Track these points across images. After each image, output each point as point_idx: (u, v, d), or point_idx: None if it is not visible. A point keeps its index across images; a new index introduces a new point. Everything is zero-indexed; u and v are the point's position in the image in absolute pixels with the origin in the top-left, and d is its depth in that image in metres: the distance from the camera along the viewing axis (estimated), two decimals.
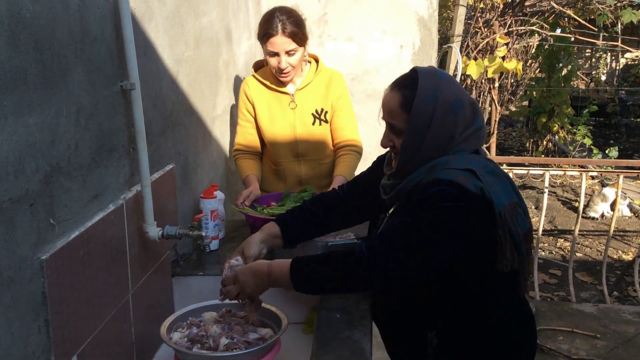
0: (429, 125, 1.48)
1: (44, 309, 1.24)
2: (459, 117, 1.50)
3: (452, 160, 1.49)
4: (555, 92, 7.69)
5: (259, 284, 1.56)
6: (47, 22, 1.25)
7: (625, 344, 3.48)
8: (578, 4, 7.53)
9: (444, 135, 1.50)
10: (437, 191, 1.43)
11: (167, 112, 2.01)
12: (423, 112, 1.48)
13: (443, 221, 1.42)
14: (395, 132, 1.55)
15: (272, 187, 2.71)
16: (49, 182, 1.27)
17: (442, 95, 1.49)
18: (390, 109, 1.55)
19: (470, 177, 1.45)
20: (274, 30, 2.43)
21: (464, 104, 1.51)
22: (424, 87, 1.49)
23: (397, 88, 1.54)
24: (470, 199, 1.43)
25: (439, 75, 1.53)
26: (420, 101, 1.48)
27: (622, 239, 5.85)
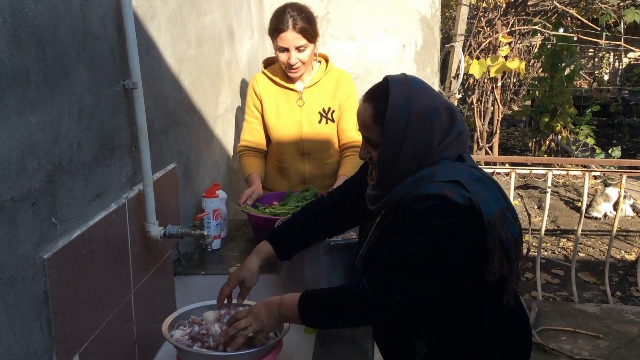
0: (403, 137, 1.43)
1: (45, 308, 1.24)
2: (435, 125, 1.44)
3: (436, 172, 1.45)
4: (557, 91, 7.68)
5: (269, 315, 1.53)
6: (49, 20, 1.25)
7: (628, 344, 3.47)
8: (581, 3, 7.52)
9: (421, 145, 1.45)
10: (424, 208, 1.40)
11: (169, 111, 2.01)
12: (396, 123, 1.43)
13: (435, 243, 1.40)
14: (372, 145, 1.51)
15: (276, 185, 2.71)
16: (51, 181, 1.26)
17: (416, 105, 1.43)
18: (363, 121, 1.50)
19: (457, 188, 1.42)
20: (285, 26, 2.44)
21: (439, 111, 1.45)
22: (396, 98, 1.44)
23: (369, 100, 1.50)
24: (458, 211, 1.40)
25: (412, 83, 1.47)
26: (392, 113, 1.43)
27: (625, 239, 5.84)
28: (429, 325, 1.56)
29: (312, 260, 1.85)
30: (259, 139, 2.69)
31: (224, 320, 1.71)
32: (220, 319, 1.73)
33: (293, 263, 1.90)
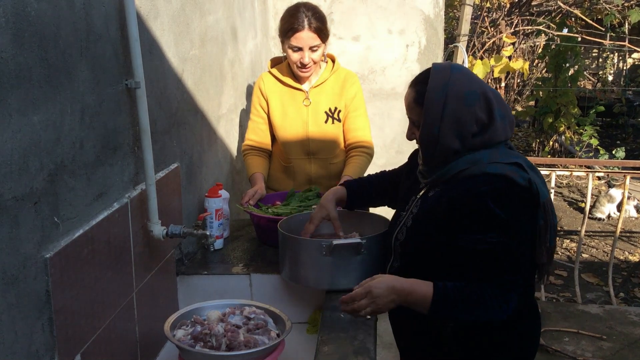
0: (441, 117, 1.55)
1: (47, 308, 1.25)
2: (474, 108, 1.55)
3: (495, 154, 1.57)
4: (561, 92, 7.66)
5: (394, 300, 1.55)
6: (52, 20, 1.25)
7: (631, 346, 3.46)
8: (585, 3, 7.50)
9: (460, 125, 1.55)
10: (490, 189, 1.51)
11: (172, 111, 2.01)
12: (433, 104, 1.56)
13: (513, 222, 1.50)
14: (416, 126, 1.65)
15: (281, 185, 2.71)
16: (54, 181, 1.26)
17: (454, 88, 1.55)
18: (407, 104, 1.65)
19: (518, 170, 1.54)
20: (300, 25, 2.43)
21: (477, 95, 1.56)
22: (435, 81, 1.56)
23: (413, 84, 1.64)
24: (520, 190, 1.51)
25: (452, 69, 1.59)
26: (430, 95, 1.56)
27: (629, 240, 5.82)
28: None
29: (315, 260, 1.84)
30: (264, 139, 2.69)
31: (227, 319, 1.71)
32: (222, 318, 1.73)
33: (295, 263, 1.90)
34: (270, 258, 2.14)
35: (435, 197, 1.64)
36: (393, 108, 3.87)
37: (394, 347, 3.43)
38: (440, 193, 1.62)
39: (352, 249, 1.82)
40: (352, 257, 1.83)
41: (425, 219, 1.64)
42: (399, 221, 1.73)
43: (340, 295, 1.83)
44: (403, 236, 1.69)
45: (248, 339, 1.60)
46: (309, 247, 1.86)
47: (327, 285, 1.87)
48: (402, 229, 1.70)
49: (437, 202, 1.62)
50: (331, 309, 1.76)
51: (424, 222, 1.64)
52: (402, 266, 1.70)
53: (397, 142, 3.92)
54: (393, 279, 1.57)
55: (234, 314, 1.74)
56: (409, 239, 1.67)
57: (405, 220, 1.70)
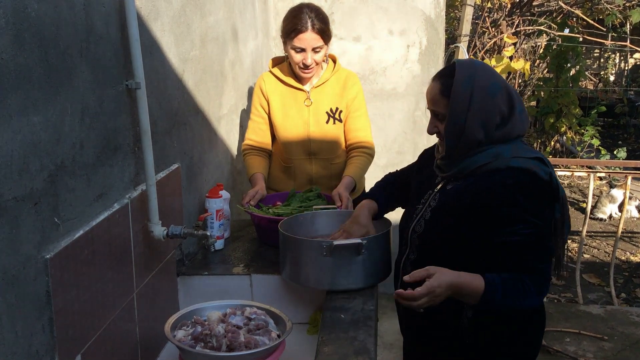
0: (468, 107, 1.60)
1: (48, 308, 1.25)
2: (497, 100, 1.60)
3: (516, 149, 1.62)
4: (563, 92, 7.65)
5: (449, 295, 1.57)
6: (52, 20, 1.25)
7: (632, 346, 3.45)
8: (586, 4, 7.49)
9: (485, 116, 1.60)
10: (514, 183, 1.56)
11: (173, 112, 2.01)
12: (461, 95, 1.60)
13: (535, 216, 1.56)
14: (439, 119, 1.68)
15: (282, 186, 2.70)
16: (54, 181, 1.27)
17: (479, 80, 1.61)
18: (432, 96, 1.68)
19: (540, 164, 1.59)
20: (304, 27, 2.43)
21: (500, 87, 1.62)
22: (461, 73, 1.62)
23: (438, 78, 1.69)
24: (543, 184, 1.57)
25: (475, 63, 1.67)
26: (457, 86, 1.61)
27: (630, 240, 5.82)
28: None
29: (315, 261, 1.84)
30: (264, 139, 2.69)
31: (228, 320, 1.71)
32: (223, 319, 1.73)
33: (295, 264, 1.90)
34: (271, 258, 2.14)
35: (456, 190, 1.68)
36: (394, 108, 3.86)
37: (395, 347, 3.44)
38: (463, 186, 1.66)
39: (353, 249, 1.82)
40: (353, 258, 1.83)
41: (445, 211, 1.68)
42: (415, 214, 1.76)
43: (341, 296, 1.83)
44: (421, 228, 1.72)
45: (248, 340, 1.60)
46: (310, 247, 1.86)
47: (327, 285, 1.87)
48: (420, 221, 1.73)
49: (459, 195, 1.66)
50: (332, 310, 1.76)
51: (444, 215, 1.68)
52: (420, 258, 1.72)
53: (397, 143, 3.92)
54: (451, 276, 1.56)
55: (235, 315, 1.74)
56: (428, 231, 1.70)
57: (422, 213, 1.74)
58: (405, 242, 1.79)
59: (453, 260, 1.62)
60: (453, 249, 1.65)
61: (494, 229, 1.58)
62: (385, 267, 1.94)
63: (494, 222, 1.58)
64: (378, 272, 1.91)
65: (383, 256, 1.91)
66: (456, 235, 1.64)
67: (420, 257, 1.72)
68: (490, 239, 1.59)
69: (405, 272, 1.73)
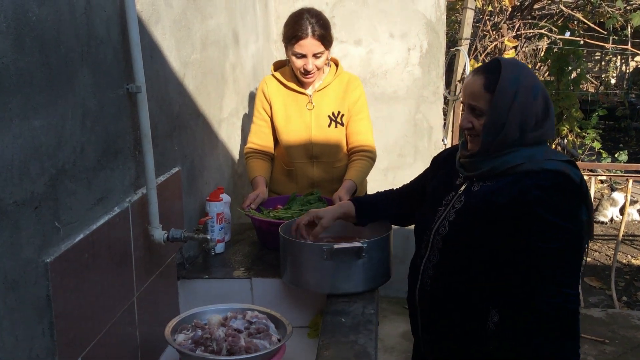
0: (510, 106, 1.57)
1: (48, 312, 1.25)
2: (537, 102, 1.60)
3: (547, 152, 1.61)
4: (564, 95, 7.64)
5: None
6: (53, 24, 1.25)
7: (634, 350, 3.45)
8: (587, 7, 7.49)
9: (525, 116, 1.58)
10: (551, 185, 1.54)
11: (174, 115, 2.01)
12: (506, 93, 1.58)
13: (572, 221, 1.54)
14: (475, 114, 1.64)
15: (284, 189, 2.70)
16: (54, 185, 1.27)
17: (525, 80, 1.59)
18: (473, 90, 1.64)
19: (572, 167, 1.58)
20: (304, 33, 2.43)
21: (540, 90, 1.61)
22: (508, 71, 1.60)
23: (481, 72, 1.65)
24: (577, 188, 1.56)
25: (520, 63, 1.66)
26: (504, 82, 1.58)
27: (632, 244, 5.81)
28: (505, 293, 1.59)
29: (315, 264, 1.84)
30: (267, 142, 2.69)
31: (228, 324, 1.71)
32: (224, 323, 1.73)
33: (296, 267, 1.90)
34: (272, 262, 2.14)
35: (485, 191, 1.64)
36: (395, 111, 3.87)
37: (396, 350, 3.44)
38: (494, 187, 1.62)
39: (353, 253, 1.82)
40: (353, 261, 1.83)
41: (472, 213, 1.64)
42: (437, 216, 1.71)
43: (341, 299, 1.83)
44: (445, 230, 1.67)
45: (249, 344, 1.59)
46: (310, 251, 1.86)
47: (328, 289, 1.87)
48: (444, 223, 1.68)
49: (490, 196, 1.61)
50: (332, 313, 1.76)
51: (472, 216, 1.63)
52: (443, 260, 1.68)
53: (399, 146, 3.92)
54: None
55: (236, 318, 1.74)
56: (453, 233, 1.66)
57: (446, 215, 1.69)
58: (425, 245, 1.73)
59: (477, 263, 1.60)
60: (479, 251, 1.60)
61: (528, 231, 1.54)
62: (385, 271, 1.94)
63: (530, 223, 1.54)
64: (378, 276, 1.91)
65: (383, 260, 1.91)
66: (483, 236, 1.60)
67: (444, 260, 1.68)
68: (522, 242, 1.55)
69: (427, 275, 1.71)
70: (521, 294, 1.56)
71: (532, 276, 1.54)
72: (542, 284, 1.53)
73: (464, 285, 1.64)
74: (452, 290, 1.66)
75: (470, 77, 1.66)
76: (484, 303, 1.61)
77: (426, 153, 3.92)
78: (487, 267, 1.59)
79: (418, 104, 3.86)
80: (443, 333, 1.72)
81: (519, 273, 1.56)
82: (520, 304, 1.56)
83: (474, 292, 1.63)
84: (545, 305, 1.52)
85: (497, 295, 1.60)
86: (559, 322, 1.52)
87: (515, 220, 1.56)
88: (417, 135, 3.90)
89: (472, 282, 1.63)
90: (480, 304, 1.61)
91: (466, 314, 1.64)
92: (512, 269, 1.57)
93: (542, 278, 1.53)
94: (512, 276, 1.57)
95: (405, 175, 3.88)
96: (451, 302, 1.67)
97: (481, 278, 1.61)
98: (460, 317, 1.65)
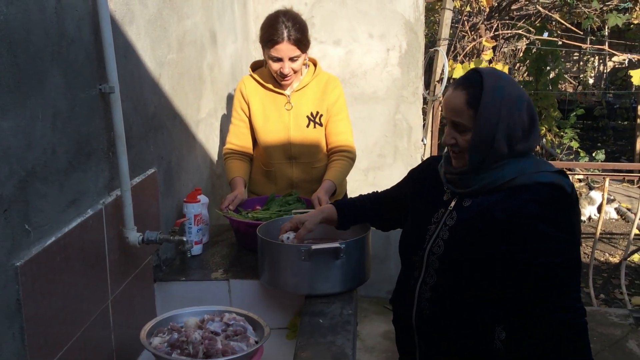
0: (497, 122, 1.53)
1: (18, 316, 1.22)
2: (523, 112, 1.55)
3: (536, 163, 1.58)
4: (542, 95, 7.72)
5: None
6: (22, 24, 1.23)
7: (611, 347, 3.48)
8: (564, 7, 7.57)
9: (512, 130, 1.54)
10: (547, 200, 1.51)
11: (149, 116, 1.99)
12: (491, 107, 1.53)
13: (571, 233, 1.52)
14: (459, 130, 1.58)
15: (263, 189, 2.69)
16: (24, 187, 1.24)
17: (507, 91, 1.54)
18: (454, 106, 1.58)
19: (563, 178, 1.55)
20: (280, 37, 2.41)
21: (524, 99, 1.56)
22: (490, 84, 1.54)
23: (462, 87, 1.58)
24: (570, 199, 1.54)
25: (500, 73, 1.60)
26: (487, 98, 1.53)
27: (609, 242, 5.88)
28: (510, 309, 1.56)
29: (293, 265, 1.83)
30: (245, 143, 2.67)
31: (205, 326, 1.70)
32: (201, 325, 1.72)
33: (274, 268, 1.89)
34: (250, 263, 2.13)
35: (478, 207, 1.58)
36: (374, 112, 3.87)
37: (376, 350, 3.44)
38: (488, 202, 1.57)
39: (331, 253, 1.81)
40: (331, 262, 1.83)
41: (467, 229, 1.58)
42: (429, 235, 1.65)
43: (320, 300, 1.83)
44: (441, 250, 1.61)
45: (226, 347, 1.58)
46: (288, 252, 1.85)
47: (306, 290, 1.86)
48: (438, 242, 1.62)
49: (484, 212, 1.57)
50: (310, 314, 1.75)
51: (467, 233, 1.58)
52: (442, 281, 1.62)
53: (379, 146, 3.92)
54: None
55: (213, 321, 1.72)
56: (449, 251, 1.60)
57: (438, 233, 1.63)
58: (419, 266, 1.66)
59: (478, 280, 1.56)
60: (478, 269, 1.56)
61: (528, 247, 1.50)
62: (364, 271, 1.94)
63: (529, 239, 1.50)
64: (357, 276, 1.91)
65: (362, 260, 1.91)
66: (482, 253, 1.55)
67: (442, 280, 1.61)
68: (523, 258, 1.51)
69: (424, 298, 1.65)
70: (529, 310, 1.52)
71: (539, 292, 1.50)
72: (551, 300, 1.50)
73: (466, 305, 1.59)
74: (454, 311, 1.61)
75: (451, 92, 1.60)
76: (489, 321, 1.57)
77: (406, 153, 3.93)
78: (487, 284, 1.56)
79: (397, 104, 3.87)
80: (449, 354, 1.66)
81: (522, 289, 1.52)
82: (529, 321, 1.53)
83: (477, 311, 1.59)
84: (556, 321, 1.49)
85: (501, 312, 1.57)
86: (571, 339, 1.49)
87: (513, 235, 1.51)
88: (397, 136, 3.91)
89: (474, 300, 1.58)
90: (485, 323, 1.58)
91: (471, 334, 1.60)
92: (514, 285, 1.53)
93: (550, 294, 1.50)
94: (514, 292, 1.53)
95: (386, 175, 3.90)
96: (454, 324, 1.62)
97: (483, 296, 1.57)
98: (465, 337, 1.61)
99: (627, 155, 9.17)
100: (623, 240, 5.85)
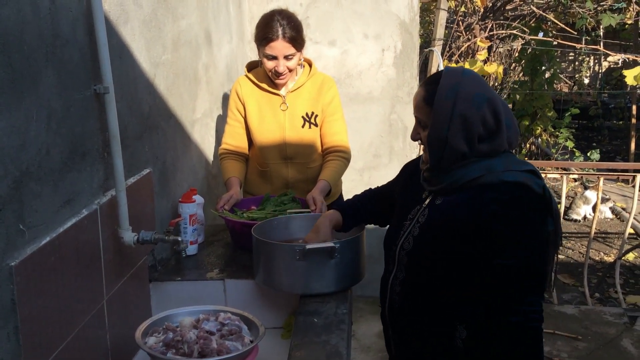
0: (450, 118, 1.53)
1: (13, 316, 1.23)
2: (482, 111, 1.53)
3: (508, 161, 1.56)
4: (537, 95, 7.75)
5: None
6: (15, 25, 1.23)
7: (606, 346, 3.50)
8: (559, 8, 7.59)
9: (469, 127, 1.53)
10: (509, 199, 1.50)
11: (144, 116, 1.99)
12: (443, 105, 1.54)
13: (532, 235, 1.50)
14: (422, 126, 1.63)
15: (258, 190, 2.69)
16: (18, 187, 1.25)
17: (464, 89, 1.54)
18: (416, 103, 1.63)
19: (533, 177, 1.53)
20: (275, 35, 2.42)
21: (485, 98, 1.54)
22: (446, 82, 1.56)
23: (424, 84, 1.63)
24: (537, 199, 1.51)
25: (463, 73, 1.59)
26: (440, 95, 1.55)
27: (604, 241, 5.90)
28: (472, 309, 1.56)
29: (288, 265, 1.84)
30: (241, 143, 2.68)
31: (200, 326, 1.70)
32: (196, 325, 1.72)
33: (269, 268, 1.90)
34: (245, 263, 2.13)
35: (447, 205, 1.60)
36: (370, 112, 3.88)
37: (372, 350, 3.45)
38: (455, 201, 1.58)
39: (326, 253, 1.82)
40: (326, 261, 1.83)
41: (435, 227, 1.60)
42: (403, 231, 1.68)
43: (314, 300, 1.83)
44: (410, 246, 1.64)
45: (221, 346, 1.59)
46: (283, 251, 1.86)
47: (301, 289, 1.87)
48: (408, 238, 1.65)
49: (450, 210, 1.58)
50: (305, 314, 1.76)
51: (434, 231, 1.60)
52: (409, 277, 1.64)
53: (374, 146, 3.93)
54: None
55: (208, 320, 1.73)
56: (417, 248, 1.62)
57: (410, 230, 1.65)
58: (392, 260, 1.70)
59: (444, 278, 1.57)
60: (444, 267, 1.57)
61: (488, 247, 1.50)
62: (358, 271, 1.94)
63: (489, 239, 1.50)
64: (351, 276, 1.92)
65: (356, 259, 1.92)
66: (447, 252, 1.56)
67: (409, 276, 1.64)
68: (484, 258, 1.51)
69: (394, 292, 1.68)
70: (484, 310, 1.53)
71: (493, 293, 1.51)
72: (502, 302, 1.50)
73: (430, 302, 1.61)
74: (420, 307, 1.64)
75: (417, 90, 1.65)
76: (451, 319, 1.59)
77: (401, 153, 3.94)
78: (451, 283, 1.57)
79: (393, 105, 3.88)
80: (415, 349, 1.69)
81: (481, 289, 1.53)
82: (484, 322, 1.54)
83: (440, 308, 1.60)
84: (505, 323, 1.49)
85: (464, 311, 1.57)
86: (520, 341, 1.49)
87: (475, 234, 1.52)
88: (392, 136, 3.92)
89: (437, 298, 1.60)
90: (448, 321, 1.59)
91: (435, 331, 1.61)
92: (475, 285, 1.54)
93: (502, 295, 1.50)
94: (475, 292, 1.54)
95: (381, 175, 3.90)
96: (420, 319, 1.64)
97: (446, 294, 1.58)
98: (430, 333, 1.63)
99: (622, 154, 9.20)
100: (618, 240, 5.87)
